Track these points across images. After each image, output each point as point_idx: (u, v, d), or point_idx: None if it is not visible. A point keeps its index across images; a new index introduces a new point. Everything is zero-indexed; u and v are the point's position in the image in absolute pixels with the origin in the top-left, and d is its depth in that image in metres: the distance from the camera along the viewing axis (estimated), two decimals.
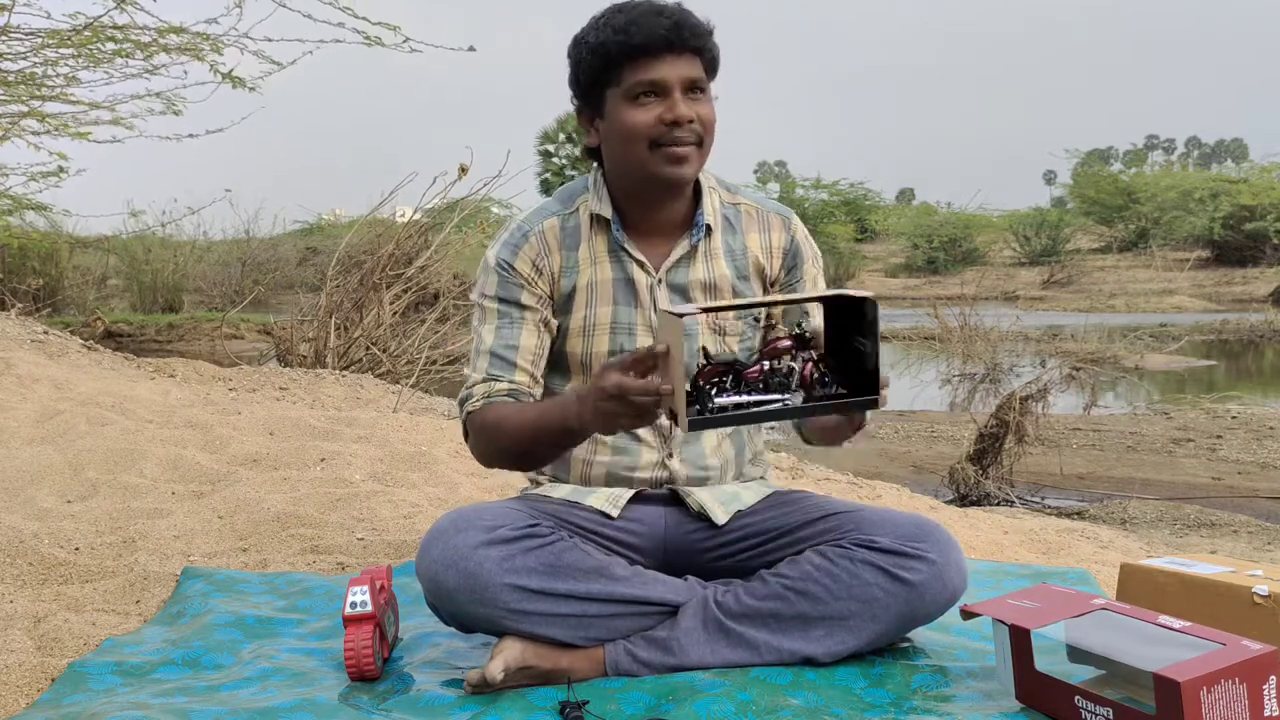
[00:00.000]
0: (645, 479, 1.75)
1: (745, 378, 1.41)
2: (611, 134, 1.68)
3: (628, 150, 1.66)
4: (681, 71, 1.63)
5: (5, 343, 5.47)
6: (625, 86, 1.63)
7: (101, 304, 13.54)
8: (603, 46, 1.63)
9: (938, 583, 1.59)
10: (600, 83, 1.66)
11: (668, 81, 1.62)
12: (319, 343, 6.50)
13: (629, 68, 1.62)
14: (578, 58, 1.68)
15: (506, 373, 1.70)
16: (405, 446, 3.28)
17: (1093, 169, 34.38)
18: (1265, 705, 1.31)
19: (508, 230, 1.77)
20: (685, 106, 1.62)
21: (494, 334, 1.72)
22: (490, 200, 7.71)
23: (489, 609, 1.53)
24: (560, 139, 28.94)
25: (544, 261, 1.73)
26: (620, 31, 1.61)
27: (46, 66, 6.52)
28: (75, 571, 2.17)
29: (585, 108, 1.72)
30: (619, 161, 1.70)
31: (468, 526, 1.55)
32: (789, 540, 1.69)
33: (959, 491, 4.88)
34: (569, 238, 1.74)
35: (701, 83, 1.66)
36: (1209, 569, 1.69)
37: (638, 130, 1.63)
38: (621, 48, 1.61)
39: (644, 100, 1.63)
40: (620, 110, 1.65)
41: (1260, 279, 20.78)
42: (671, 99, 1.62)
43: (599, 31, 1.64)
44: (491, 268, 1.74)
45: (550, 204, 1.79)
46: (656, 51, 1.61)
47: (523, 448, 1.64)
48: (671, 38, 1.61)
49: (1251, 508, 4.68)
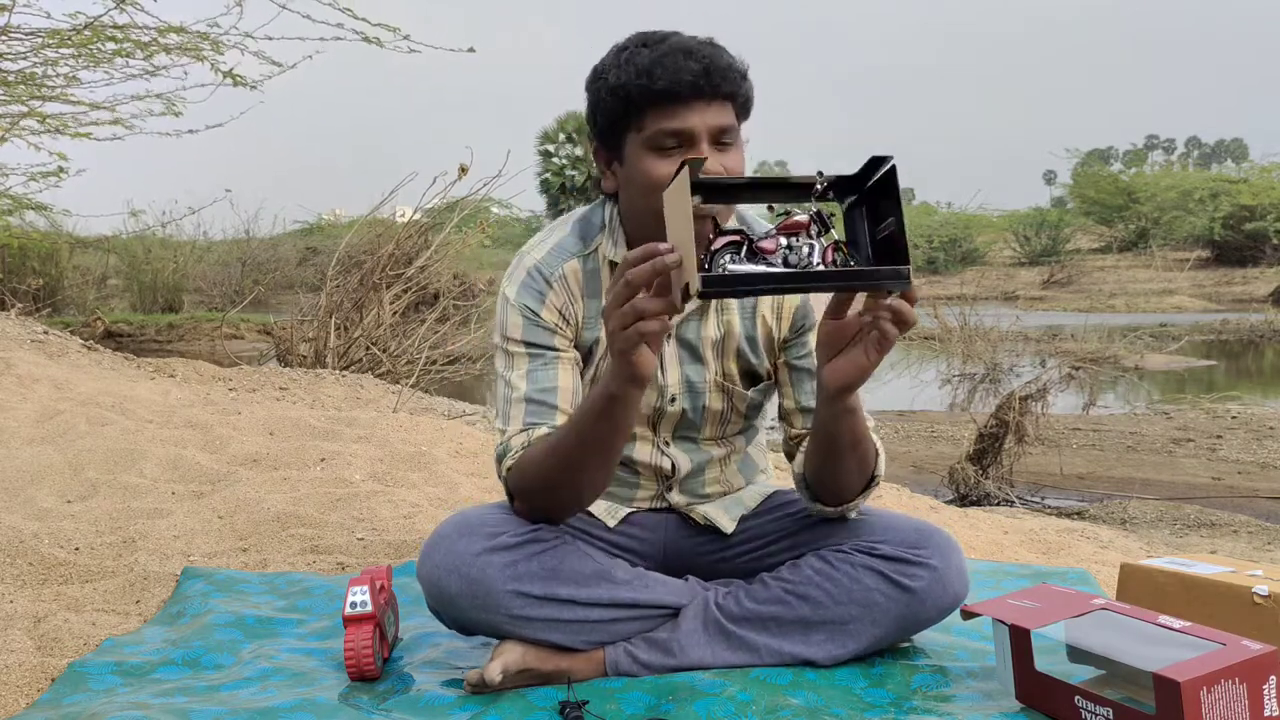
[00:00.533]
0: (645, 506, 1.75)
1: (759, 249, 1.25)
2: (630, 183, 1.55)
3: (647, 203, 1.50)
4: (710, 120, 1.48)
5: (5, 343, 5.47)
6: (647, 134, 1.49)
7: (101, 304, 13.54)
8: (624, 88, 1.48)
9: (939, 589, 1.59)
10: (620, 126, 1.52)
11: (694, 131, 1.48)
12: (319, 343, 6.50)
13: (652, 114, 1.48)
14: (596, 96, 1.54)
15: (547, 418, 1.55)
16: (405, 446, 3.28)
17: (1093, 169, 34.39)
18: (1265, 705, 1.31)
19: (525, 270, 1.62)
20: (712, 159, 1.47)
21: (526, 379, 1.58)
22: (490, 200, 7.70)
23: (491, 615, 1.52)
24: (560, 139, 28.90)
25: (570, 310, 1.62)
26: (643, 74, 1.47)
27: (46, 66, 6.53)
28: (75, 571, 2.17)
29: (603, 149, 1.59)
30: (637, 211, 1.57)
31: (470, 532, 1.53)
32: (790, 544, 1.69)
33: (959, 491, 4.88)
34: (590, 283, 1.63)
35: (731, 132, 1.51)
36: (1209, 569, 1.69)
37: (659, 182, 1.47)
38: (644, 92, 1.47)
39: (667, 150, 1.49)
40: (640, 159, 1.51)
41: (1260, 279, 20.79)
42: (697, 151, 1.48)
43: (620, 70, 1.49)
44: (515, 309, 1.60)
45: (568, 241, 1.65)
46: (683, 98, 1.46)
47: (574, 466, 1.48)
48: (701, 84, 1.46)
49: (1251, 508, 4.68)
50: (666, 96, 1.46)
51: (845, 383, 1.40)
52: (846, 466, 1.56)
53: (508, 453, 1.56)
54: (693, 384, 1.68)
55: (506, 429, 1.58)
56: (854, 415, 1.49)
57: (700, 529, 1.75)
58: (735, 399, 1.71)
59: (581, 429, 1.45)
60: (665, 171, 1.48)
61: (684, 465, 1.73)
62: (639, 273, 1.24)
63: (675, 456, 1.73)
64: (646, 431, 1.71)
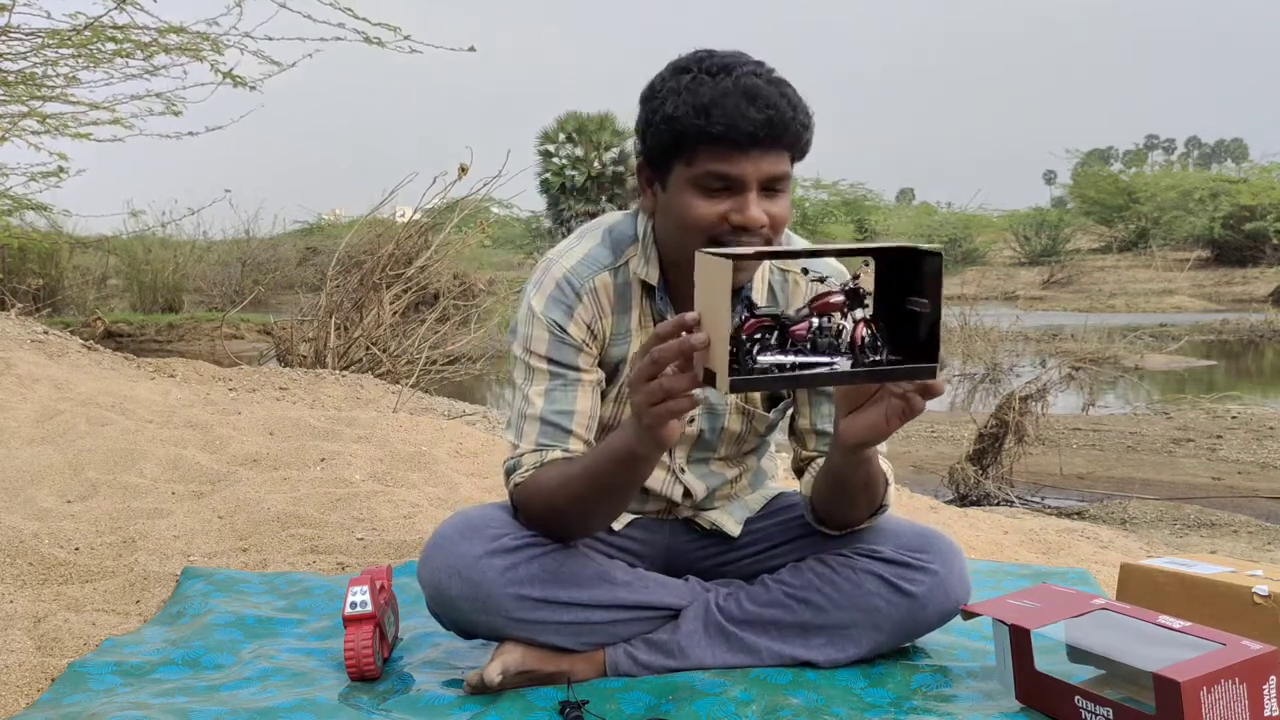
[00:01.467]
0: (653, 514, 1.74)
1: (792, 335, 1.23)
2: (668, 212, 1.50)
3: (682, 238, 1.47)
4: (765, 169, 1.42)
5: (5, 343, 5.47)
6: (695, 172, 1.43)
7: (101, 304, 13.53)
8: (678, 121, 1.41)
9: (940, 593, 1.59)
10: (669, 155, 1.46)
11: (745, 178, 1.41)
12: (319, 343, 6.50)
13: (703, 153, 1.41)
14: (649, 117, 1.47)
15: (560, 441, 1.53)
16: (405, 446, 3.28)
17: (1093, 169, 34.36)
18: (1265, 705, 1.31)
19: (552, 280, 1.57)
20: (757, 209, 1.42)
21: (544, 398, 1.54)
22: (490, 200, 7.70)
23: (492, 617, 1.52)
24: (560, 139, 28.89)
25: (598, 325, 1.58)
26: (701, 112, 1.39)
27: (46, 66, 6.52)
28: (75, 571, 2.17)
29: (648, 167, 1.52)
30: (671, 241, 1.52)
31: (471, 534, 1.53)
32: (792, 547, 1.69)
33: (959, 491, 4.88)
34: (620, 299, 1.58)
35: (783, 180, 1.45)
36: (1209, 569, 1.69)
37: (699, 223, 1.44)
38: (699, 132, 1.40)
39: (713, 192, 1.43)
40: (684, 193, 1.45)
41: (1260, 279, 20.77)
42: (744, 198, 1.42)
43: (678, 100, 1.42)
44: (541, 323, 1.55)
45: (599, 252, 1.59)
46: (740, 145, 1.40)
47: (586, 504, 1.47)
48: (760, 134, 1.39)
49: (1251, 508, 4.68)
50: (721, 140, 1.40)
51: (861, 441, 1.40)
52: (856, 504, 1.57)
53: (518, 469, 1.55)
54: (713, 405, 1.65)
55: (519, 445, 1.55)
56: (868, 464, 1.49)
57: (705, 533, 1.75)
58: (755, 420, 1.69)
59: (597, 473, 1.43)
60: (706, 213, 1.44)
61: (699, 491, 1.71)
62: (666, 351, 1.21)
63: (690, 483, 1.70)
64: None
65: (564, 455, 1.53)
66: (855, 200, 31.19)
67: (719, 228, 1.44)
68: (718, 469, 1.72)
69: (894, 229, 30.97)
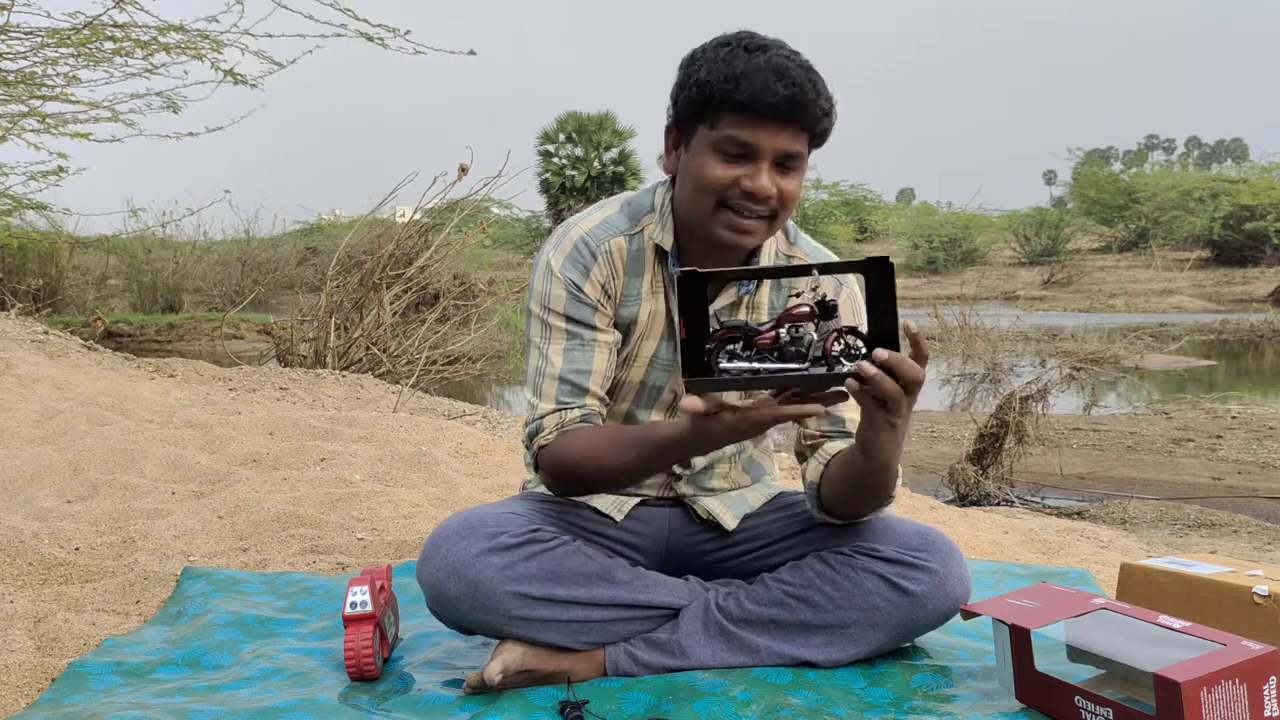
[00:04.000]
0: (654, 494, 1.75)
1: (757, 344, 1.31)
2: (687, 172, 1.57)
3: (696, 197, 1.55)
4: (780, 144, 1.50)
5: (5, 343, 5.47)
6: (717, 135, 1.51)
7: (101, 304, 13.53)
8: (709, 85, 1.50)
9: (939, 593, 1.59)
10: (696, 117, 1.54)
11: (761, 148, 1.50)
12: (319, 343, 6.50)
13: (728, 119, 1.50)
14: (684, 80, 1.55)
15: (578, 399, 1.59)
16: (405, 446, 3.28)
17: (1093, 169, 34.35)
18: (1265, 705, 1.31)
19: (570, 241, 1.64)
20: (769, 179, 1.50)
21: (563, 356, 1.60)
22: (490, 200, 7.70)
23: (491, 616, 1.52)
24: (560, 139, 28.90)
25: (611, 286, 1.63)
26: (731, 79, 1.48)
27: (46, 66, 6.52)
28: (75, 571, 2.17)
29: (675, 130, 1.61)
30: (686, 201, 1.59)
31: (469, 533, 1.53)
32: (792, 544, 1.69)
33: (959, 491, 4.88)
34: (634, 263, 1.65)
35: (797, 159, 1.53)
36: (1209, 569, 1.69)
37: (711, 184, 1.52)
38: (726, 98, 1.48)
39: (730, 157, 1.51)
40: (703, 155, 1.53)
41: (1260, 279, 20.79)
42: (758, 166, 1.50)
43: (713, 67, 1.50)
44: (559, 281, 1.61)
45: (616, 219, 1.66)
46: (761, 117, 1.48)
47: (611, 475, 1.54)
48: (781, 109, 1.47)
49: (1251, 508, 4.68)
50: (745, 109, 1.48)
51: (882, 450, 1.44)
52: (869, 501, 1.58)
53: (540, 431, 1.59)
54: None
55: (539, 404, 1.60)
56: (889, 469, 1.49)
57: (703, 524, 1.75)
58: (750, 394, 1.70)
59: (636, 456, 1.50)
60: (721, 175, 1.52)
61: (698, 461, 1.73)
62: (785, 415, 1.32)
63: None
64: (660, 418, 1.70)
65: (582, 415, 1.58)
66: (855, 200, 31.19)
67: (730, 191, 1.52)
68: None
69: (894, 229, 30.98)
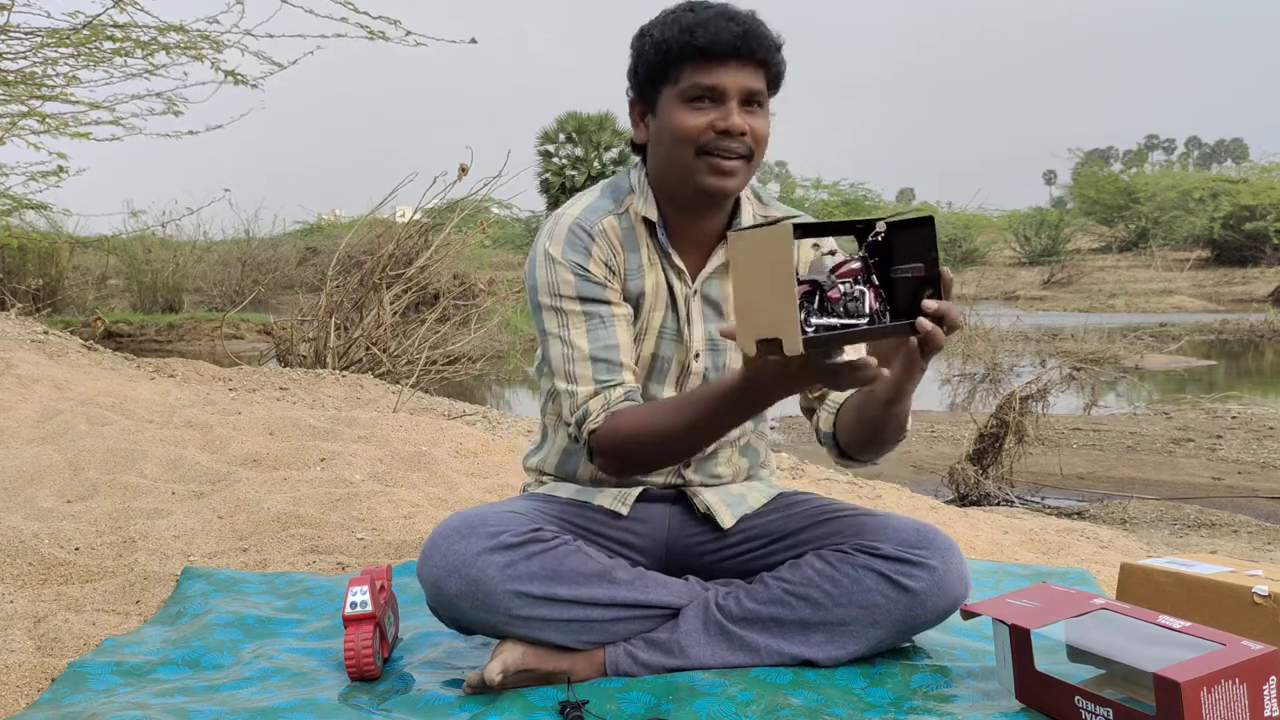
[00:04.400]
0: (658, 484, 1.74)
1: (828, 299, 1.32)
2: (661, 134, 1.63)
3: (674, 153, 1.60)
4: (742, 81, 1.57)
5: (5, 343, 5.47)
6: (682, 87, 1.58)
7: (101, 304, 13.53)
8: (666, 43, 1.58)
9: (939, 590, 1.59)
10: (658, 79, 1.61)
11: (726, 89, 1.57)
12: (319, 343, 6.50)
13: (689, 68, 1.57)
14: (640, 49, 1.63)
15: (615, 375, 1.60)
16: (405, 446, 3.28)
17: (1093, 169, 34.38)
18: (1265, 705, 1.31)
19: (564, 228, 1.65)
20: (739, 117, 1.57)
21: (587, 337, 1.61)
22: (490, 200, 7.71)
23: (492, 615, 1.52)
24: (560, 139, 28.90)
25: (614, 262, 1.66)
26: (686, 31, 1.56)
27: (46, 66, 6.52)
28: (75, 571, 2.17)
29: (639, 101, 1.67)
30: (664, 163, 1.64)
31: (470, 532, 1.53)
32: (791, 543, 1.69)
33: (959, 491, 4.88)
34: (628, 238, 1.68)
35: (761, 96, 1.60)
36: (1209, 569, 1.69)
37: (687, 134, 1.58)
38: (685, 47, 1.56)
39: (699, 104, 1.58)
40: (673, 111, 1.59)
41: (1260, 279, 20.79)
42: (727, 107, 1.57)
43: (665, 27, 1.59)
44: (564, 266, 1.63)
45: (602, 201, 1.70)
46: (720, 57, 1.56)
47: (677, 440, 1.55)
48: (738, 45, 1.56)
49: (1251, 508, 4.68)
50: (704, 53, 1.56)
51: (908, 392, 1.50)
52: (888, 440, 1.62)
53: (588, 417, 1.59)
54: (714, 341, 1.71)
55: (577, 389, 1.60)
56: (902, 407, 1.54)
57: (702, 522, 1.75)
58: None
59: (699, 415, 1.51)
60: (694, 123, 1.57)
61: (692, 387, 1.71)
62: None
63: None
64: (673, 393, 1.71)
65: (625, 392, 1.59)
66: (856, 200, 31.18)
67: (705, 136, 1.57)
68: None
69: None
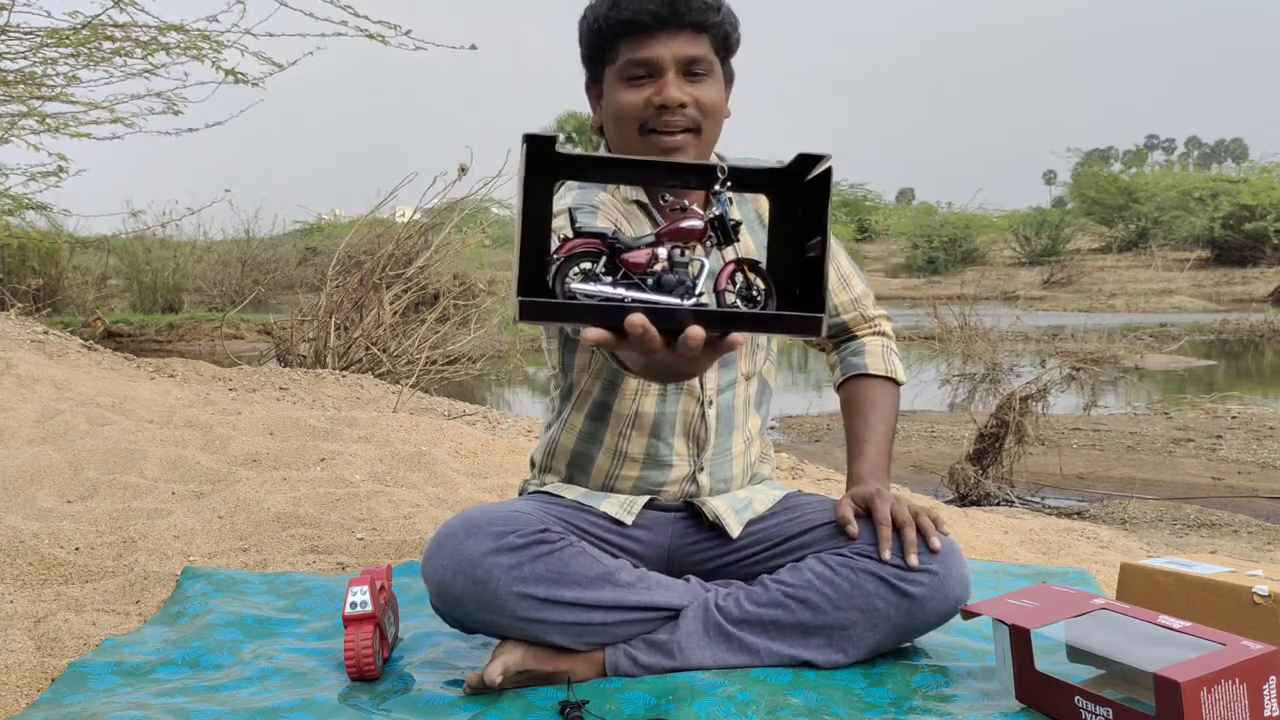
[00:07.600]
0: (673, 493, 1.74)
1: (626, 263, 0.98)
2: (608, 114, 1.61)
3: (621, 134, 1.58)
4: (677, 50, 1.53)
5: (5, 343, 5.47)
6: (619, 65, 1.56)
7: (101, 304, 13.54)
8: (597, 22, 1.56)
9: (939, 594, 1.58)
10: (599, 59, 1.59)
11: (660, 60, 1.53)
12: (319, 343, 6.50)
13: (622, 45, 1.55)
14: (581, 32, 1.62)
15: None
16: (405, 446, 3.28)
17: (1093, 169, 34.39)
18: (1265, 705, 1.31)
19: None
20: (677, 88, 1.52)
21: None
22: (490, 200, 7.71)
23: (496, 615, 1.52)
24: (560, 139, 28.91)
25: (624, 225, 1.62)
26: (612, 6, 1.54)
27: (46, 66, 6.52)
28: (75, 571, 2.17)
29: (592, 85, 1.65)
30: (615, 144, 1.61)
31: (477, 532, 1.53)
32: (792, 545, 1.68)
33: (959, 491, 4.87)
34: (629, 214, 1.66)
35: (702, 63, 1.55)
36: (1209, 569, 1.69)
37: (628, 112, 1.55)
38: (613, 23, 1.54)
39: (637, 81, 1.54)
40: (614, 90, 1.57)
41: (1260, 279, 20.80)
42: (663, 80, 1.53)
43: (595, 6, 1.57)
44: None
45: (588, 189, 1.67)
46: (648, 28, 1.52)
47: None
48: (663, 13, 1.51)
49: (1251, 508, 4.68)
50: (631, 27, 1.53)
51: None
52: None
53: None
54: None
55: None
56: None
57: (708, 531, 1.74)
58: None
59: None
60: (632, 100, 1.54)
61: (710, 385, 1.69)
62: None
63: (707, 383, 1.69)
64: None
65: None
66: (855, 200, 31.23)
67: (645, 113, 1.54)
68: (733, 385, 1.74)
69: (894, 229, 30.98)
